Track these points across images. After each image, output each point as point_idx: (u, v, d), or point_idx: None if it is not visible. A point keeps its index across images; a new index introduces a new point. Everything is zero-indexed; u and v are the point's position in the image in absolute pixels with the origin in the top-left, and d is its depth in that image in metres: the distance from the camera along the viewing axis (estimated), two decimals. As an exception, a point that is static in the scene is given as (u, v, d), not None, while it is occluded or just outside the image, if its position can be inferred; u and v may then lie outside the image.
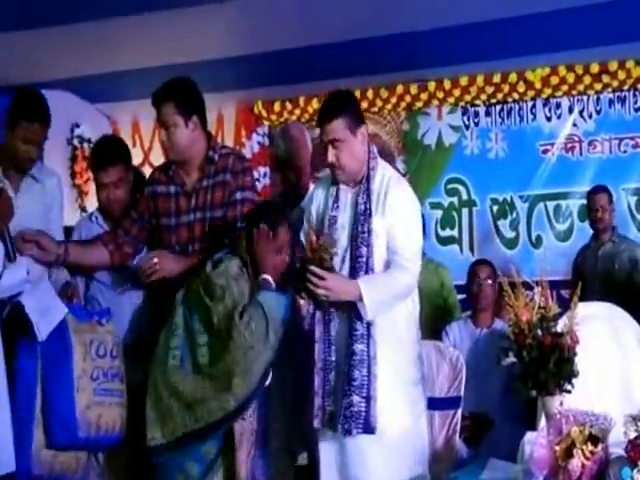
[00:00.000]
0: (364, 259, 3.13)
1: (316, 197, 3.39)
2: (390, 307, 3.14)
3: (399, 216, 3.15)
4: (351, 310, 3.13)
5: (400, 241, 3.13)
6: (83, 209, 6.44)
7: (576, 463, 2.71)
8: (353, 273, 3.16)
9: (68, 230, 4.29)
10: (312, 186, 3.60)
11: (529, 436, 2.93)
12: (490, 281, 4.48)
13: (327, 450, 3.22)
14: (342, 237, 3.20)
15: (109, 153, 3.67)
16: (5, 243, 3.10)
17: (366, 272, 3.14)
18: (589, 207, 5.49)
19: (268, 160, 6.72)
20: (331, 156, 3.17)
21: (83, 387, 3.11)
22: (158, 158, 7.24)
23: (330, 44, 5.73)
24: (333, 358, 3.16)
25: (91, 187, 6.71)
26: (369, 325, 3.11)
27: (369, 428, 3.07)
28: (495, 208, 6.54)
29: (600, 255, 5.29)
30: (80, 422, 3.07)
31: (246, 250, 3.14)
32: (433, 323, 4.63)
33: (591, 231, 5.54)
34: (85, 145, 6.93)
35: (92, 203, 6.28)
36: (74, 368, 3.10)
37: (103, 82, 6.40)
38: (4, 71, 5.94)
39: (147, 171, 6.69)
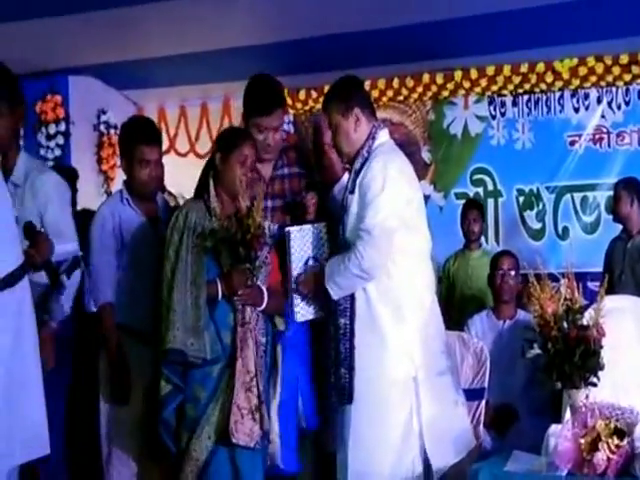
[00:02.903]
0: (341, 236, 3.28)
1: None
2: (355, 284, 3.20)
3: (366, 186, 3.21)
4: None
5: (365, 212, 3.18)
6: (109, 195, 6.46)
7: (601, 456, 2.70)
8: (335, 249, 3.33)
9: (90, 213, 4.21)
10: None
11: (554, 428, 2.90)
12: (513, 273, 4.43)
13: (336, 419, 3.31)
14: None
15: (154, 130, 3.61)
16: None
17: (342, 247, 3.27)
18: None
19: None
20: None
21: None
22: (184, 145, 7.29)
23: (356, 32, 5.71)
24: (332, 333, 3.27)
25: (117, 173, 6.75)
26: (352, 300, 3.21)
27: (351, 399, 3.18)
28: (521, 199, 6.50)
29: (629, 248, 5.22)
30: None
31: None
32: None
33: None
34: (112, 131, 6.96)
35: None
36: None
37: (130, 69, 6.43)
38: (34, 57, 5.98)
39: (171, 158, 6.77)
